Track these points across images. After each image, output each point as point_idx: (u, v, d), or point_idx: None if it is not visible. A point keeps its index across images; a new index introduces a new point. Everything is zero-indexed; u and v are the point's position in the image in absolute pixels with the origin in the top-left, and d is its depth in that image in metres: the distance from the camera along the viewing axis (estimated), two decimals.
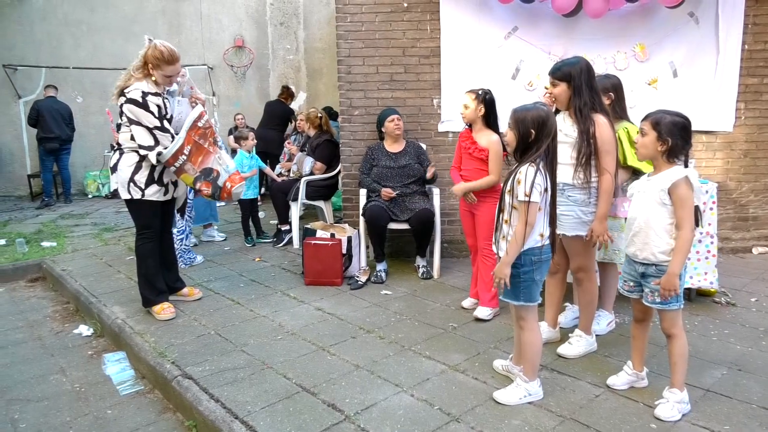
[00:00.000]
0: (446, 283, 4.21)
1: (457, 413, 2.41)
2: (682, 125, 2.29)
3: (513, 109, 2.41)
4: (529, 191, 2.28)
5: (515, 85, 4.70)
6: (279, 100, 7.93)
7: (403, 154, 4.44)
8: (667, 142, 2.27)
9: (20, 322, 3.93)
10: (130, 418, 2.69)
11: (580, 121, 2.73)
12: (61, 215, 7.39)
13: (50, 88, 8.16)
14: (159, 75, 3.35)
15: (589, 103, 2.73)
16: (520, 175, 2.33)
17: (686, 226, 2.24)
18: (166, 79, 3.40)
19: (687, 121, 2.31)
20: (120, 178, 3.43)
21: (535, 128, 2.32)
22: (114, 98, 3.39)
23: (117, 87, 3.38)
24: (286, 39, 10.02)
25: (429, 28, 4.71)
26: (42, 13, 8.91)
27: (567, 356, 2.92)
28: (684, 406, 2.38)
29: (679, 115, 2.32)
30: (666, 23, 4.58)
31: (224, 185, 3.56)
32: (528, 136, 2.34)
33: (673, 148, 2.28)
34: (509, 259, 2.37)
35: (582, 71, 2.74)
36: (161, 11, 9.34)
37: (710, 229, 3.59)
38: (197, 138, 3.46)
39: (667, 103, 4.60)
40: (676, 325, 2.39)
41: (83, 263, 4.91)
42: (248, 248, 5.37)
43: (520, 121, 2.35)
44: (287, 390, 2.63)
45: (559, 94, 2.80)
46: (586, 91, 2.73)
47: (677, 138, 2.27)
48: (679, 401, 2.37)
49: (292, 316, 3.59)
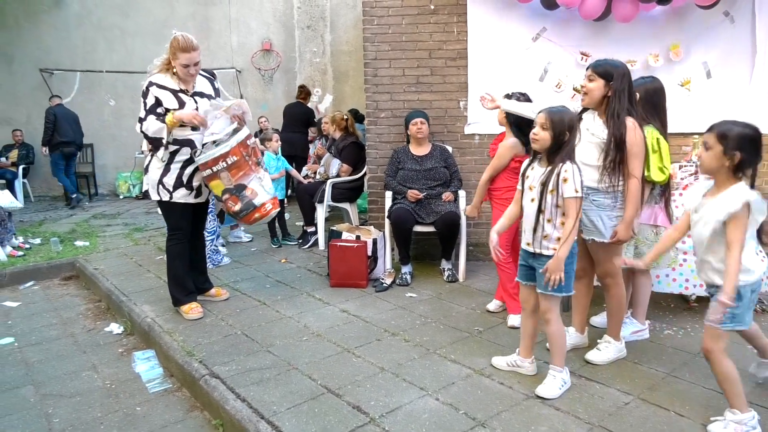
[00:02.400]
0: (471, 287, 4.19)
1: (483, 418, 2.39)
2: (751, 137, 2.10)
3: (547, 111, 2.48)
4: (579, 187, 2.42)
5: (543, 87, 4.64)
6: (298, 102, 7.97)
7: (429, 157, 4.43)
8: (734, 157, 2.09)
9: (54, 319, 4.03)
10: (158, 415, 2.73)
11: (614, 125, 2.67)
12: (94, 215, 7.58)
13: (56, 98, 8.38)
14: (177, 66, 3.34)
15: (626, 109, 2.68)
16: (566, 174, 2.42)
17: (736, 246, 2.07)
18: (183, 69, 3.36)
19: (757, 132, 2.12)
20: (150, 180, 3.50)
21: (570, 130, 2.45)
22: None
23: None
24: (312, 42, 10.10)
25: (456, 30, 4.69)
26: (77, 18, 9.16)
27: (595, 362, 2.87)
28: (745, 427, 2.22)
29: (748, 126, 2.13)
30: (699, 23, 4.47)
31: (262, 205, 3.52)
32: (563, 136, 2.44)
33: (740, 163, 2.10)
34: (564, 255, 2.45)
35: (624, 75, 2.69)
36: (191, 15, 9.51)
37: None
38: (244, 153, 3.45)
39: (700, 104, 4.50)
40: (715, 345, 2.23)
41: (114, 262, 5.03)
42: (274, 249, 5.43)
43: (557, 122, 2.43)
44: (312, 391, 2.65)
45: (593, 89, 2.73)
46: (625, 96, 2.68)
47: (746, 152, 2.08)
48: (737, 421, 2.21)
49: (317, 317, 3.61)
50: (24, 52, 9.01)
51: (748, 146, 2.10)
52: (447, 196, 4.31)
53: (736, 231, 2.09)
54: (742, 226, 2.08)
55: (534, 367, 2.77)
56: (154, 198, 3.54)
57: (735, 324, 2.19)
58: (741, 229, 2.08)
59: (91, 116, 9.27)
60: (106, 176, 9.57)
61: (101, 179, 9.57)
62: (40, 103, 9.06)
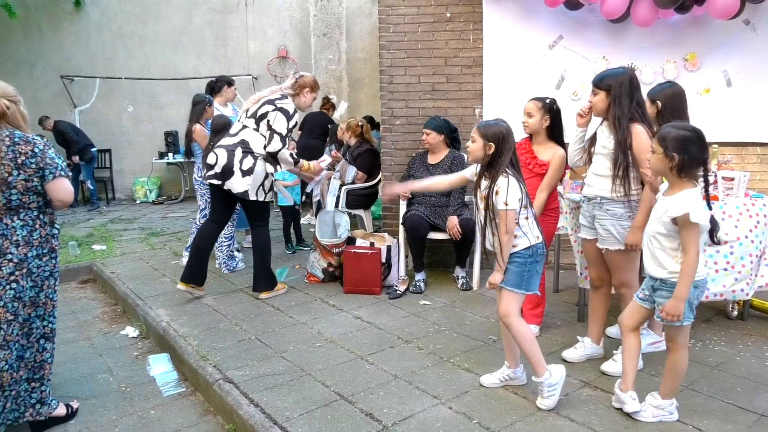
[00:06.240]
0: (486, 295, 4.16)
1: (497, 428, 2.36)
2: (688, 138, 2.19)
3: (480, 124, 2.56)
4: (511, 200, 2.41)
5: (559, 95, 4.61)
6: (321, 111, 8.02)
7: (440, 166, 4.40)
8: (673, 159, 2.19)
9: (71, 321, 4.08)
10: (172, 419, 2.75)
11: (617, 131, 2.68)
12: (111, 220, 7.67)
13: (47, 119, 8.51)
14: (310, 100, 4.18)
15: (628, 114, 2.66)
16: (498, 187, 2.43)
17: (691, 250, 2.18)
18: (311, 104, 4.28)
19: (694, 133, 2.21)
20: (254, 181, 3.88)
21: (498, 142, 2.45)
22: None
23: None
24: (328, 49, 10.16)
25: (472, 37, 4.69)
26: (98, 26, 9.32)
27: (611, 374, 2.83)
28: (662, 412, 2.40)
29: (688, 128, 2.24)
30: (719, 31, 4.43)
31: None
32: (488, 149, 2.47)
33: (682, 165, 2.19)
34: (503, 266, 2.54)
35: (623, 82, 2.69)
36: (209, 23, 9.62)
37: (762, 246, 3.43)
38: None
39: (720, 113, 4.45)
40: (676, 341, 2.37)
41: (131, 266, 5.08)
42: (288, 255, 5.44)
43: (487, 135, 2.48)
44: (325, 398, 2.64)
45: (596, 103, 2.79)
46: (626, 101, 2.67)
47: (684, 153, 2.18)
48: (657, 406, 2.40)
49: (330, 323, 3.61)
50: (46, 60, 9.18)
51: (687, 148, 2.18)
52: (451, 223, 4.14)
53: (688, 236, 2.19)
54: (694, 233, 2.18)
55: (525, 376, 2.74)
56: (252, 197, 3.91)
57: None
58: (692, 234, 2.18)
59: (109, 122, 9.41)
60: (123, 181, 9.69)
61: (119, 184, 9.69)
62: (61, 109, 9.23)
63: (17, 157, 2.38)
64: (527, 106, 3.21)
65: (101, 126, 9.35)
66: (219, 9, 9.62)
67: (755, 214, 3.20)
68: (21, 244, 2.43)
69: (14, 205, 2.41)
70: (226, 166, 3.84)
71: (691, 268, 2.19)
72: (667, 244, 2.28)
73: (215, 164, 3.87)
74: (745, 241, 3.15)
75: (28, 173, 2.40)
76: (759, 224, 3.22)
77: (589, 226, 2.93)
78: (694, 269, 2.19)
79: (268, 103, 3.93)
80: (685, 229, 2.19)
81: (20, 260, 2.43)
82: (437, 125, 4.38)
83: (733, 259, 3.16)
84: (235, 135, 3.95)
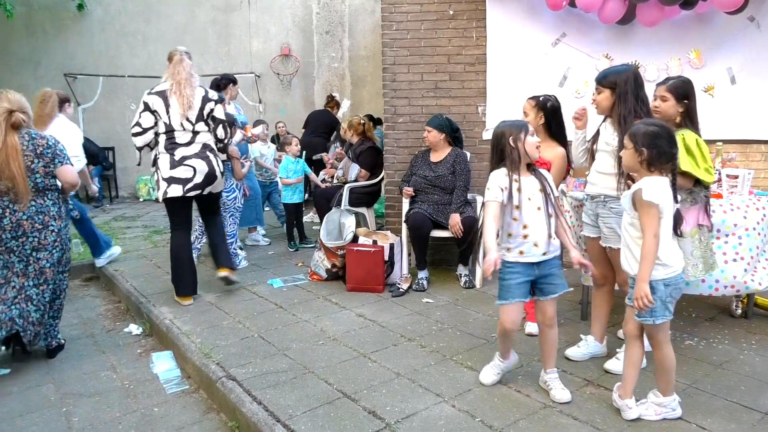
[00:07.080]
0: (488, 293, 4.15)
1: (500, 426, 2.36)
2: (656, 134, 2.26)
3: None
4: (491, 193, 2.48)
5: (562, 93, 4.60)
6: (326, 110, 8.02)
7: (442, 164, 4.39)
8: (643, 153, 2.26)
9: (75, 319, 4.09)
10: (175, 416, 2.76)
11: (621, 129, 2.66)
12: (114, 217, 7.68)
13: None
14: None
15: (634, 112, 2.65)
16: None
17: (648, 231, 2.22)
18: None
19: (662, 129, 2.29)
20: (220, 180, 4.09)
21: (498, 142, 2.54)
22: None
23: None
24: (331, 47, 10.16)
25: (475, 35, 4.68)
26: (101, 24, 9.32)
27: (615, 372, 2.82)
28: (665, 410, 2.39)
29: (655, 123, 2.33)
30: (723, 28, 4.40)
31: None
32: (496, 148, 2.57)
33: (651, 158, 2.25)
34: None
35: (628, 79, 2.68)
36: (211, 21, 9.63)
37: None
38: None
39: (725, 110, 4.43)
40: (656, 338, 2.37)
41: (134, 264, 5.09)
42: (291, 253, 5.45)
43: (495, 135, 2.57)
44: (328, 395, 2.65)
45: (600, 100, 2.79)
46: (631, 99, 2.67)
47: (653, 147, 2.25)
48: (659, 404, 2.39)
49: (333, 321, 3.61)
50: (49, 58, 9.18)
51: (656, 142, 2.25)
52: (453, 221, 4.11)
53: (643, 217, 2.23)
54: (649, 214, 2.21)
55: (516, 358, 2.83)
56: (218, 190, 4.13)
57: (647, 317, 2.30)
58: (648, 216, 2.21)
59: (113, 120, 9.41)
60: (127, 179, 9.70)
61: (122, 182, 9.70)
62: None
63: (36, 148, 3.08)
64: (524, 105, 3.31)
65: (104, 124, 9.34)
66: (222, 7, 9.63)
67: (762, 207, 3.22)
68: (57, 218, 3.19)
69: (41, 188, 3.11)
70: (209, 173, 3.88)
71: (648, 251, 2.22)
72: (634, 233, 2.31)
73: (193, 176, 3.83)
74: (752, 233, 3.15)
75: (45, 161, 3.10)
76: (765, 217, 3.22)
77: (592, 224, 2.92)
78: (651, 252, 2.22)
79: (207, 101, 3.91)
80: (641, 210, 2.23)
81: (59, 230, 3.20)
82: (438, 123, 4.37)
83: (742, 250, 3.15)
84: (192, 143, 3.88)
